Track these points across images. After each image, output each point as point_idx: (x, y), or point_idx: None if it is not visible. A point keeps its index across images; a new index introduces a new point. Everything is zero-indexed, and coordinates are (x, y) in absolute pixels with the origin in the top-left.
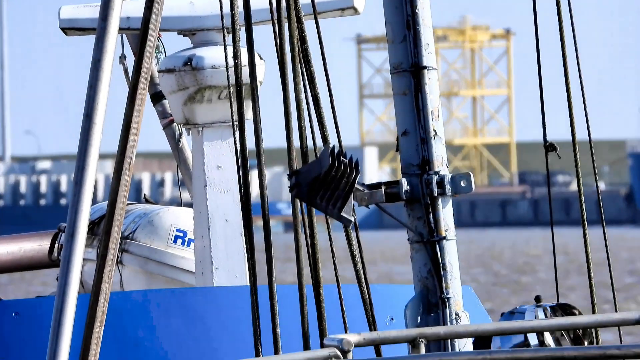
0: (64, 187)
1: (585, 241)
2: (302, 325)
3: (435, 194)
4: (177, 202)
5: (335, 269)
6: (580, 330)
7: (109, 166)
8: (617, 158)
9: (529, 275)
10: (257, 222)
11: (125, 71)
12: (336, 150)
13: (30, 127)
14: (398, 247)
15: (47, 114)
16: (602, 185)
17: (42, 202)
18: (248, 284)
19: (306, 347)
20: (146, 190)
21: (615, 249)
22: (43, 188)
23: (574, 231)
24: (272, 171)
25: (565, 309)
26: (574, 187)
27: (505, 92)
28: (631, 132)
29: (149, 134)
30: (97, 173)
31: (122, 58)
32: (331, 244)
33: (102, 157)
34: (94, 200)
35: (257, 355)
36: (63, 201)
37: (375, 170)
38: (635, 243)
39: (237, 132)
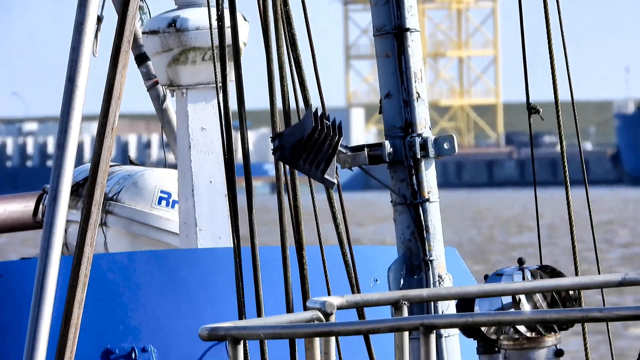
0: (50, 148)
1: (568, 202)
2: (284, 288)
3: (418, 156)
4: (163, 164)
5: (318, 230)
6: (563, 292)
7: (95, 128)
8: (604, 119)
9: (514, 237)
10: (242, 184)
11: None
12: (319, 113)
13: (17, 88)
14: (387, 208)
15: (35, 75)
16: (588, 146)
17: (29, 163)
18: (232, 245)
19: (289, 309)
20: (133, 151)
21: (599, 209)
22: (30, 150)
23: (561, 192)
24: (258, 132)
25: (548, 272)
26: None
27: (492, 53)
28: (618, 93)
29: (136, 95)
30: (83, 134)
31: (99, 20)
32: (314, 206)
33: (89, 118)
34: (81, 162)
35: (240, 317)
36: (49, 163)
37: (362, 131)
38: (619, 203)
39: (220, 94)
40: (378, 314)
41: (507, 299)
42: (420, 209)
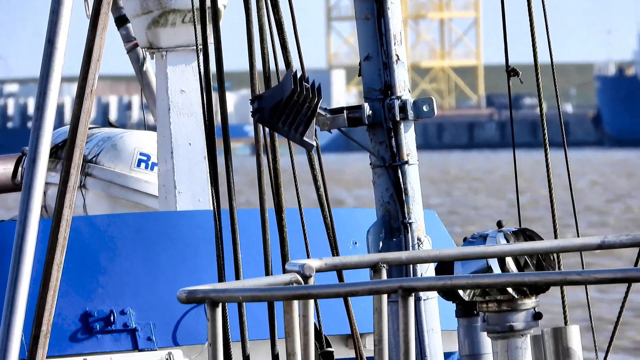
0: (31, 110)
1: (547, 165)
2: (263, 250)
3: (398, 119)
4: (144, 126)
5: (297, 193)
6: (542, 255)
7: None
8: (585, 81)
9: (494, 199)
10: (222, 146)
11: None
12: (298, 75)
13: None
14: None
15: (16, 37)
16: (569, 108)
17: (10, 125)
18: (211, 208)
19: (268, 272)
20: (113, 113)
21: (581, 171)
22: (10, 111)
23: (542, 154)
24: (239, 94)
25: (526, 234)
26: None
27: (473, 15)
28: (599, 55)
29: (117, 56)
30: (64, 96)
31: None
32: (293, 168)
33: (70, 80)
34: (61, 124)
35: (220, 280)
36: (30, 124)
37: (343, 92)
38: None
39: (200, 56)
40: (357, 276)
41: (485, 262)
42: (400, 171)
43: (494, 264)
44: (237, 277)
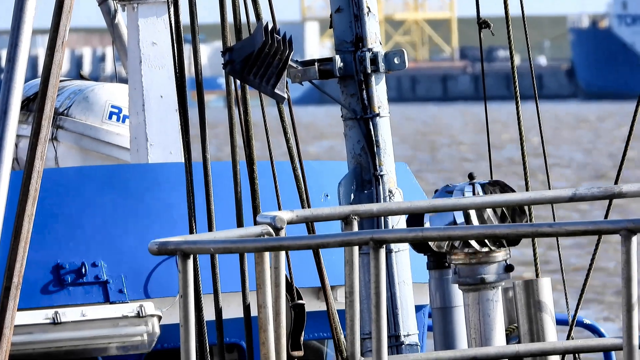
0: (3, 63)
1: (518, 117)
2: (235, 203)
3: (369, 71)
4: (118, 78)
5: (268, 145)
6: (513, 207)
7: None
8: (559, 34)
9: (466, 152)
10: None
11: None
12: (270, 27)
13: None
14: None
15: None
16: (543, 61)
17: None
18: (183, 160)
19: (239, 224)
20: (87, 65)
21: (555, 123)
22: None
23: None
24: (212, 46)
25: (498, 187)
26: (516, 61)
27: None
28: (572, 8)
29: (91, 8)
30: (37, 48)
31: None
32: (264, 121)
33: (43, 32)
34: (35, 76)
35: (191, 232)
36: (2, 77)
37: (317, 45)
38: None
39: (171, 8)
40: (328, 229)
41: (457, 214)
42: (371, 123)
43: (465, 216)
44: (209, 229)
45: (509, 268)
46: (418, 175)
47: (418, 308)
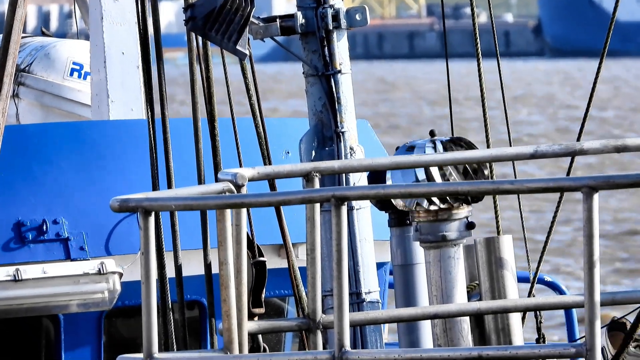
0: None
1: (479, 73)
2: (196, 160)
3: (330, 27)
4: (84, 35)
5: (230, 102)
6: (475, 164)
7: None
8: None
9: (430, 109)
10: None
11: None
12: None
13: None
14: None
15: None
16: (509, 18)
17: None
18: (144, 117)
19: (200, 181)
20: (54, 22)
21: (522, 81)
22: None
23: (484, 63)
24: (180, 3)
25: (459, 144)
26: (482, 18)
27: None
28: None
29: None
30: (3, 4)
31: None
32: (226, 78)
33: None
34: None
35: (154, 188)
36: None
37: (284, 2)
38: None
39: None
40: (289, 186)
41: (419, 171)
42: (332, 80)
43: (426, 173)
44: (168, 186)
45: (470, 225)
46: (380, 132)
47: (379, 265)
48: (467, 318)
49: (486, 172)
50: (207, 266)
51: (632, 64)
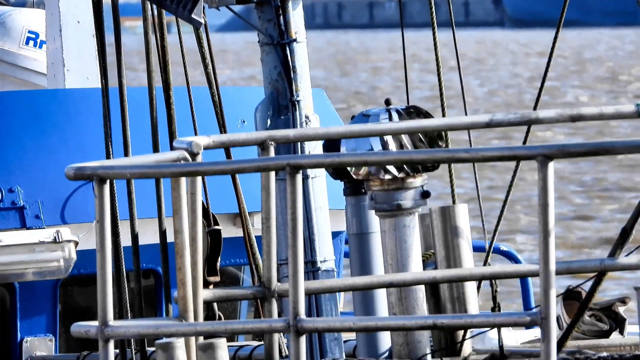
0: None
1: (434, 42)
2: (151, 128)
3: None
4: (41, 4)
5: (185, 71)
6: (430, 133)
7: None
8: None
9: (386, 79)
10: (122, 23)
11: None
12: None
13: None
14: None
15: None
16: None
17: None
18: (100, 86)
19: (156, 149)
20: None
21: (483, 50)
22: None
23: (442, 33)
24: None
25: (415, 112)
26: None
27: None
28: None
29: None
30: None
31: None
32: (181, 46)
33: None
34: None
35: (107, 157)
36: None
37: None
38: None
39: None
40: (245, 155)
41: (374, 140)
42: (288, 49)
43: (381, 142)
44: (125, 155)
45: (425, 194)
46: (338, 101)
47: (334, 234)
48: (423, 287)
49: (442, 143)
50: (162, 234)
51: (590, 34)
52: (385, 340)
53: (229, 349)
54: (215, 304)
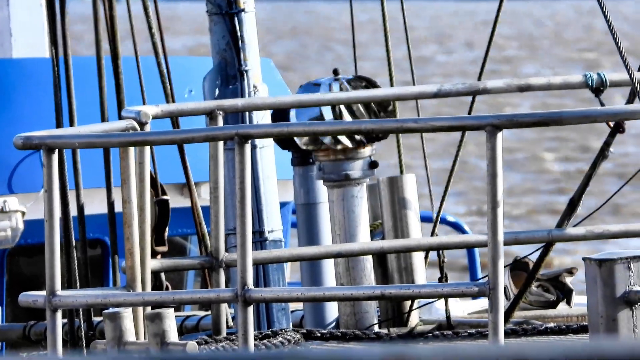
0: None
1: (382, 11)
2: (99, 97)
3: None
4: None
5: (133, 40)
6: (379, 103)
7: None
8: None
9: (333, 48)
10: None
11: None
12: None
13: None
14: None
15: None
16: None
17: None
18: (48, 55)
19: (104, 119)
20: None
21: (426, 20)
22: None
23: (390, 3)
24: None
25: (363, 82)
26: None
27: None
28: None
29: None
30: None
31: None
32: (129, 15)
33: None
34: None
35: (58, 126)
36: None
37: None
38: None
39: None
40: (193, 125)
41: (323, 110)
42: (236, 19)
43: (329, 111)
44: (71, 124)
45: (373, 164)
46: (286, 71)
47: (282, 204)
48: (370, 257)
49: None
50: (110, 204)
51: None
52: (332, 311)
53: (176, 319)
54: (162, 274)
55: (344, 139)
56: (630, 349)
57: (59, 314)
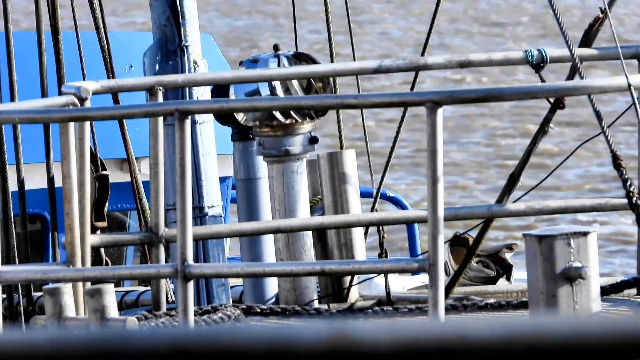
0: None
1: None
2: (39, 73)
3: None
4: None
5: (74, 15)
6: (319, 80)
7: None
8: None
9: (273, 25)
10: None
11: None
12: None
13: None
14: None
15: None
16: None
17: None
18: None
19: (44, 94)
20: None
21: None
22: None
23: None
24: None
25: (303, 58)
26: None
27: None
28: None
29: None
30: None
31: None
32: None
33: None
34: None
35: None
36: None
37: None
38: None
39: None
40: (133, 100)
41: (262, 86)
42: None
43: (270, 87)
44: (12, 99)
45: (313, 140)
46: (226, 47)
47: (222, 180)
48: (310, 232)
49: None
50: (50, 180)
51: None
52: (272, 286)
53: (116, 295)
54: (102, 249)
55: (283, 115)
56: (570, 325)
57: None
